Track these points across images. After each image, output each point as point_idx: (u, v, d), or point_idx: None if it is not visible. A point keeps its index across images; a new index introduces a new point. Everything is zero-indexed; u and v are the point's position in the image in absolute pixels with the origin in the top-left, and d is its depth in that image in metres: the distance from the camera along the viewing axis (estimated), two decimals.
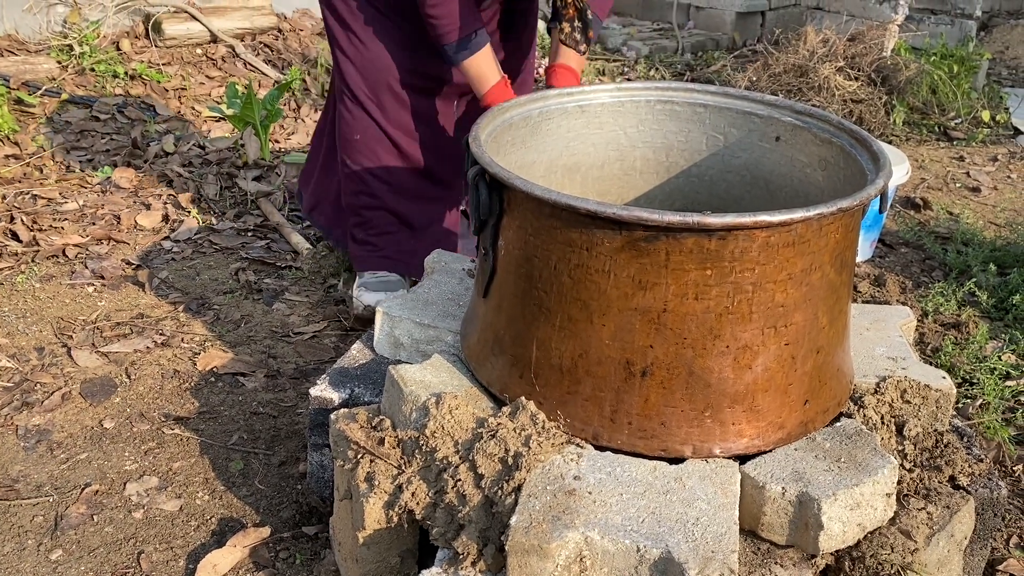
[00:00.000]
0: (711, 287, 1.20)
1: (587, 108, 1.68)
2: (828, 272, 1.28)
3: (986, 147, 4.08)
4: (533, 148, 1.63)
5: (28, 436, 1.94)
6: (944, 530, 1.30)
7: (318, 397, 1.59)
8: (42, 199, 2.99)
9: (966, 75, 4.44)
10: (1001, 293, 2.60)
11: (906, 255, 2.97)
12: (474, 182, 1.35)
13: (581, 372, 1.29)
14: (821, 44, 4.27)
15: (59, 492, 1.78)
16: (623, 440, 1.29)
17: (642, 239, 1.18)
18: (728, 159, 1.68)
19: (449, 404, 1.33)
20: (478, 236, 1.44)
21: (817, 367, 1.33)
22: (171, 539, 1.69)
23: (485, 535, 1.23)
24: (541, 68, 4.55)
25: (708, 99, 1.66)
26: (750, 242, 1.18)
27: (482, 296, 1.44)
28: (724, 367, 1.25)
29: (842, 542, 1.24)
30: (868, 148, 1.41)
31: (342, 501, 1.47)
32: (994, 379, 2.18)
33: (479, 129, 1.42)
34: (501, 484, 1.23)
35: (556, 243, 1.25)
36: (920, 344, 2.36)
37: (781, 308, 1.24)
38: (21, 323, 2.33)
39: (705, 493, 1.22)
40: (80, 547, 1.66)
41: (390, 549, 1.40)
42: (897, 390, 1.45)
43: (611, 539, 1.15)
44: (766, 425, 1.30)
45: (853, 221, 1.30)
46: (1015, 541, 1.74)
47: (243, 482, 1.84)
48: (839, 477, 1.24)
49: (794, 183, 1.59)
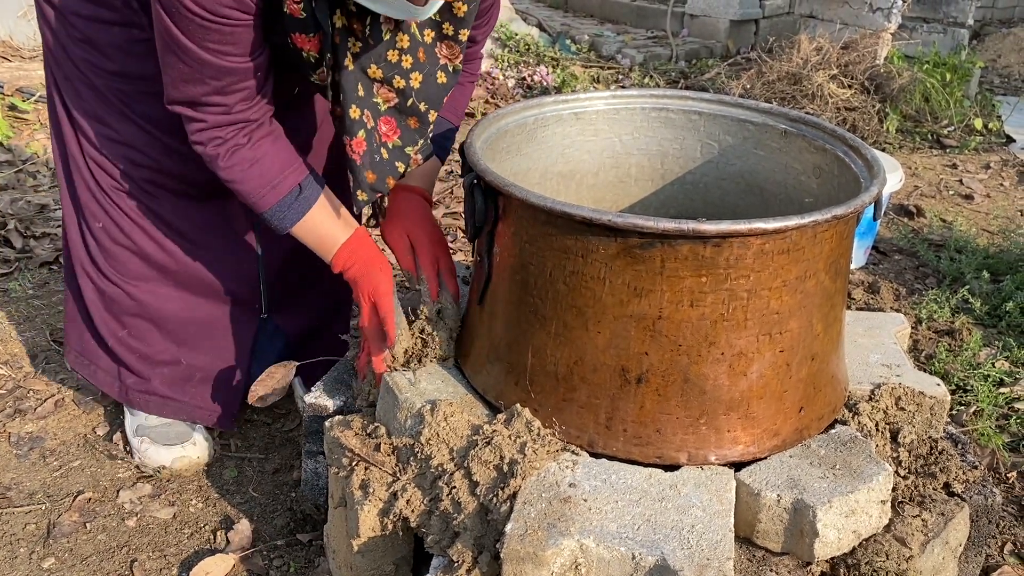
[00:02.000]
0: (706, 294, 1.20)
1: (582, 115, 1.68)
2: (823, 279, 1.28)
3: (979, 155, 4.10)
4: (528, 155, 1.63)
5: (21, 443, 1.93)
6: (939, 537, 1.30)
7: (313, 404, 1.59)
8: (36, 205, 2.98)
9: (959, 83, 4.46)
10: (994, 300, 2.61)
11: (900, 262, 2.98)
12: (469, 189, 1.35)
13: (576, 379, 1.29)
14: (815, 52, 4.29)
15: (52, 500, 1.78)
16: (618, 447, 1.29)
17: (637, 246, 1.18)
18: (723, 166, 1.68)
19: (444, 411, 1.33)
20: (473, 243, 1.44)
21: (812, 374, 1.33)
22: (164, 547, 1.68)
23: (480, 543, 1.22)
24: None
25: (703, 107, 1.67)
26: (745, 249, 1.18)
27: (477, 303, 1.44)
28: (719, 374, 1.25)
29: (837, 549, 1.24)
30: (862, 155, 1.42)
31: (337, 508, 1.46)
32: (988, 386, 2.19)
33: (474, 136, 1.42)
34: (496, 491, 1.22)
35: (551, 250, 1.25)
36: (914, 351, 2.36)
37: (776, 315, 1.24)
38: (15, 330, 2.33)
39: (700, 500, 1.22)
40: (73, 555, 1.65)
41: (385, 557, 1.40)
42: (891, 397, 1.45)
43: (606, 546, 1.15)
44: (761, 432, 1.30)
45: (847, 228, 1.31)
46: (1009, 548, 1.74)
47: (237, 489, 1.84)
48: (834, 484, 1.24)
49: (788, 190, 1.60)
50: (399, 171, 1.49)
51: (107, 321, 1.80)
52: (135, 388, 1.84)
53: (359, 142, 1.41)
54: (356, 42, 1.35)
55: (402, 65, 1.41)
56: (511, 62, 5.06)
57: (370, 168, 1.44)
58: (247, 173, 1.43)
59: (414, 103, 1.44)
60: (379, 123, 1.44)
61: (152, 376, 1.83)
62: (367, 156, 1.43)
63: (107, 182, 1.68)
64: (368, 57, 1.37)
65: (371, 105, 1.42)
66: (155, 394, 1.84)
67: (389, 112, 1.45)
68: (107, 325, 1.81)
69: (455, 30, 1.43)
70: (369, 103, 1.42)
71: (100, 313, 1.80)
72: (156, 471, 1.84)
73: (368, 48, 1.36)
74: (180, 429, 1.87)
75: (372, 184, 1.46)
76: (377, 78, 1.40)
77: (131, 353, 1.82)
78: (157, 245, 1.73)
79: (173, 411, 1.86)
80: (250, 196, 1.45)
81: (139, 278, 1.76)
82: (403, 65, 1.41)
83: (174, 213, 1.71)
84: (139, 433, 1.87)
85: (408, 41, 1.40)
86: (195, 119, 1.40)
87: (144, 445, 1.85)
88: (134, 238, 1.72)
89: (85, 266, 1.78)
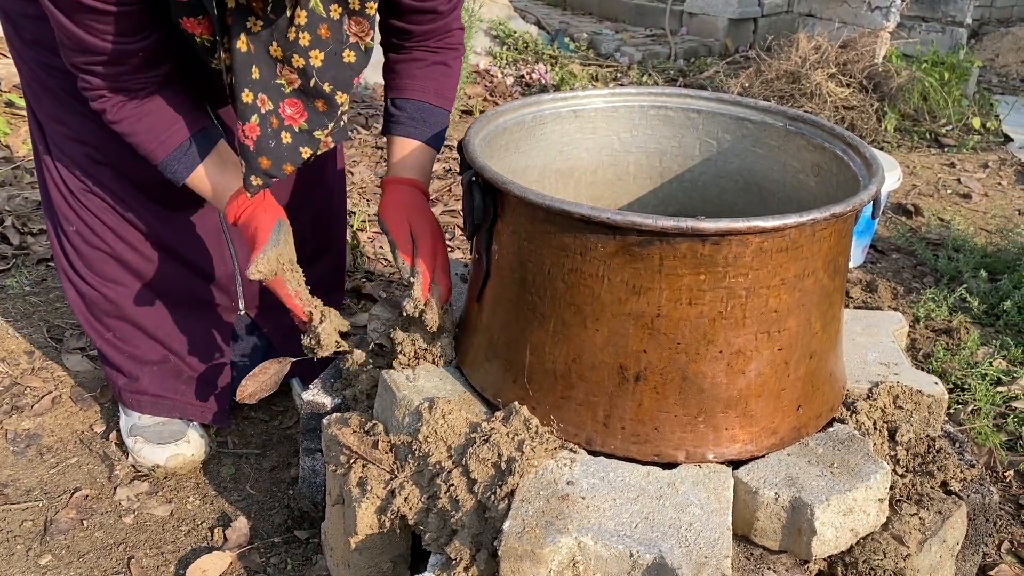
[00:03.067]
0: (705, 292, 1.20)
1: (581, 113, 1.68)
2: (821, 277, 1.28)
3: (977, 154, 4.10)
4: (527, 153, 1.63)
5: (18, 440, 1.92)
6: (936, 535, 1.30)
7: (310, 401, 1.59)
8: (33, 202, 2.97)
9: (957, 82, 4.47)
10: (992, 299, 2.61)
11: (898, 261, 2.98)
12: (468, 186, 1.35)
13: (574, 377, 1.29)
14: (813, 51, 4.29)
15: (49, 497, 1.77)
16: (616, 445, 1.29)
17: (636, 244, 1.18)
18: (721, 164, 1.68)
19: (442, 409, 1.33)
20: (472, 240, 1.44)
21: (810, 372, 1.33)
22: (161, 544, 1.68)
23: (478, 540, 1.22)
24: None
25: (701, 104, 1.67)
26: (744, 247, 1.18)
27: (475, 301, 1.44)
28: (717, 372, 1.25)
29: (835, 547, 1.24)
30: (861, 154, 1.42)
31: (334, 506, 1.46)
32: (985, 385, 2.19)
33: (472, 133, 1.42)
34: (494, 489, 1.22)
35: (550, 248, 1.25)
36: (912, 350, 2.36)
37: (774, 313, 1.24)
38: (12, 327, 2.32)
39: (698, 498, 1.22)
40: (70, 552, 1.65)
41: (382, 554, 1.40)
42: (889, 395, 1.45)
43: (604, 544, 1.14)
44: (759, 430, 1.30)
45: (846, 227, 1.31)
46: (1007, 546, 1.74)
47: (234, 487, 1.83)
48: (832, 482, 1.24)
49: (787, 189, 1.60)
50: (302, 156, 1.45)
51: (92, 323, 1.80)
52: (126, 389, 1.84)
53: (252, 127, 1.38)
54: (256, 20, 1.30)
55: (299, 43, 1.34)
56: (509, 60, 5.05)
57: (264, 154, 1.41)
58: (136, 127, 1.44)
59: (317, 84, 1.38)
60: (283, 105, 1.40)
61: (141, 375, 1.83)
62: (261, 141, 1.40)
63: (75, 184, 1.68)
64: (270, 34, 1.32)
65: (272, 87, 1.37)
66: (146, 393, 1.84)
67: (294, 94, 1.40)
68: (92, 327, 1.81)
69: (361, 4, 1.36)
70: (269, 85, 1.37)
71: (84, 315, 1.80)
72: (151, 470, 1.84)
73: (269, 24, 1.31)
74: (174, 428, 1.86)
75: (266, 170, 1.43)
76: (278, 57, 1.35)
77: (119, 353, 1.81)
78: (128, 246, 1.72)
79: (166, 409, 1.86)
80: (142, 148, 1.46)
81: (115, 280, 1.75)
82: (300, 43, 1.34)
83: (143, 213, 1.70)
84: (133, 433, 1.86)
85: (306, 17, 1.33)
86: (82, 80, 1.40)
87: (138, 445, 1.84)
88: (107, 240, 1.71)
89: (66, 270, 1.78)
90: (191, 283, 1.79)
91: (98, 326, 1.80)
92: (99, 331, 1.80)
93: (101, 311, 1.78)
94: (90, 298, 1.77)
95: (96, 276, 1.75)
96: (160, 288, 1.78)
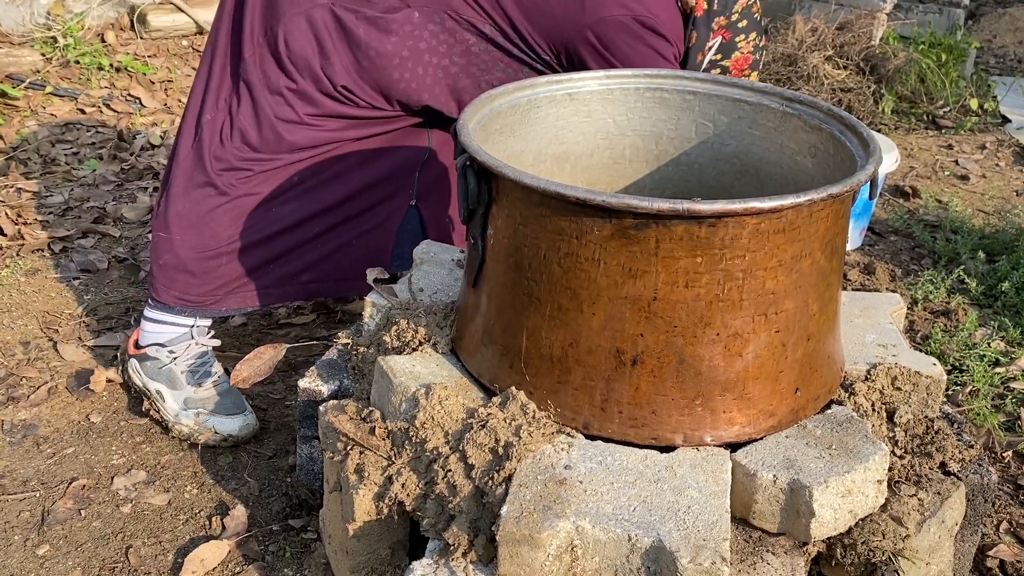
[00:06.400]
0: (701, 275, 1.20)
1: (576, 96, 1.66)
2: (818, 259, 1.27)
3: (974, 135, 4.09)
4: (522, 136, 1.62)
5: (14, 431, 1.92)
6: (935, 516, 1.30)
7: (307, 389, 1.58)
8: (27, 192, 2.96)
9: (954, 63, 4.45)
10: (990, 280, 2.61)
11: (895, 243, 2.97)
12: (462, 171, 1.34)
13: (571, 361, 1.28)
14: (810, 33, 4.27)
15: (46, 487, 1.77)
16: (614, 429, 1.29)
17: (632, 227, 1.17)
18: (718, 147, 1.67)
19: (439, 395, 1.32)
20: (467, 225, 1.43)
21: (808, 354, 1.32)
22: (159, 533, 1.68)
23: (476, 525, 1.22)
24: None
25: (697, 87, 1.65)
26: (740, 229, 1.17)
27: (471, 286, 1.43)
28: (714, 355, 1.24)
29: (834, 529, 1.24)
30: (858, 134, 1.41)
31: (332, 493, 1.46)
32: (983, 366, 2.19)
33: (467, 117, 1.40)
34: (491, 474, 1.22)
35: (545, 232, 1.24)
36: (910, 331, 2.36)
37: (771, 295, 1.24)
38: (6, 317, 2.31)
39: (696, 481, 1.22)
40: (67, 542, 1.64)
41: (380, 541, 1.40)
42: (888, 377, 1.44)
43: (602, 528, 1.14)
44: (757, 413, 1.29)
45: (843, 208, 1.30)
46: (1005, 527, 1.74)
47: (232, 475, 1.83)
48: (830, 464, 1.24)
49: (784, 170, 1.59)
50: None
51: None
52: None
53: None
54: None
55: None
56: None
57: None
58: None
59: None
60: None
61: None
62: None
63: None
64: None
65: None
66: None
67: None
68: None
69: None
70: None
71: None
72: (222, 440, 1.86)
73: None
74: (235, 399, 1.91)
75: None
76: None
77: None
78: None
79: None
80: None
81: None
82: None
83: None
84: (189, 406, 1.87)
85: None
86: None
87: (202, 416, 1.86)
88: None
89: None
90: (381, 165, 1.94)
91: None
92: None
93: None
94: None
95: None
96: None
